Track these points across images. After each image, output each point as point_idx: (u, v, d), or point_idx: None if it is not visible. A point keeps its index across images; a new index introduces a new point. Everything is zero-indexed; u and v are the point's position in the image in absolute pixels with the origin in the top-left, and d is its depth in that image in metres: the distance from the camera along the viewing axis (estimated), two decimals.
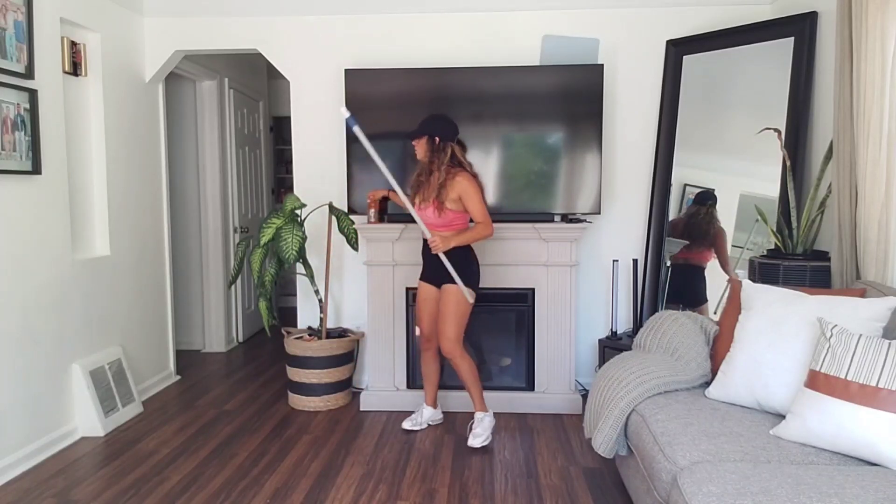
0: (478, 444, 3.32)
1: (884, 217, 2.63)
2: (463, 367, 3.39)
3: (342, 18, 4.14)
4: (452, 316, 3.33)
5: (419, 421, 3.58)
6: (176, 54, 4.26)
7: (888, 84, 2.60)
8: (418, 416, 3.60)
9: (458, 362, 3.39)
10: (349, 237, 3.93)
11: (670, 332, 2.80)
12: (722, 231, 3.75)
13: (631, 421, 2.51)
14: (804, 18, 3.40)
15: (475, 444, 3.32)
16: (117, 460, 3.20)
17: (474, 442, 3.32)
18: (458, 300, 3.32)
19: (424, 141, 3.29)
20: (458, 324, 3.34)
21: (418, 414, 3.61)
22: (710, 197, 3.82)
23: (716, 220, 3.79)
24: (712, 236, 3.81)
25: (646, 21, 4.05)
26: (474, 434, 3.35)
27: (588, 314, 4.20)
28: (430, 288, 3.45)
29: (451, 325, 3.34)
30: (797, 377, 2.21)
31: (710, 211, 3.82)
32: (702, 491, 1.79)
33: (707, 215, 3.84)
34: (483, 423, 3.39)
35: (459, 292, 3.31)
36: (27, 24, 3.07)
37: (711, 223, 3.82)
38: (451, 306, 3.32)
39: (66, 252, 3.42)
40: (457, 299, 3.32)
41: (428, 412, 3.62)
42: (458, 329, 3.34)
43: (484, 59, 4.03)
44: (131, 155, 4.04)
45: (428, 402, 3.63)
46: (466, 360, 3.40)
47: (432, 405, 3.63)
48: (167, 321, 4.48)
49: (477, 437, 3.33)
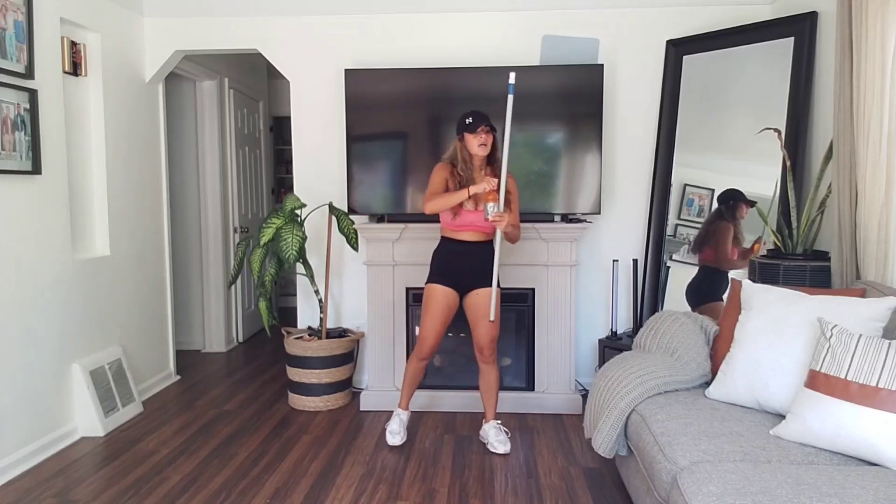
0: (508, 448, 3.27)
1: (884, 217, 2.63)
2: (496, 374, 3.32)
3: (342, 18, 4.14)
4: (497, 318, 3.20)
5: (403, 430, 3.38)
6: (176, 54, 4.26)
7: (888, 84, 2.60)
8: (398, 425, 3.37)
9: (493, 368, 3.31)
10: (349, 237, 3.93)
11: (670, 332, 2.80)
12: (725, 227, 3.73)
13: (631, 421, 2.50)
14: (804, 18, 3.40)
15: (507, 450, 3.26)
16: (117, 460, 3.20)
17: (506, 448, 3.26)
18: (498, 300, 3.20)
19: (493, 136, 3.12)
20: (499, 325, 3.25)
21: (397, 423, 3.37)
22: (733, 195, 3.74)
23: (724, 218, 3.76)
24: (713, 231, 3.81)
25: (646, 21, 4.05)
26: (500, 441, 3.27)
27: (588, 314, 4.20)
28: (454, 295, 3.23)
29: (498, 327, 3.23)
30: (797, 377, 2.21)
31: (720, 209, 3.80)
32: (702, 491, 1.79)
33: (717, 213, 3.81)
34: (500, 429, 3.34)
35: (499, 292, 3.19)
36: (27, 24, 3.07)
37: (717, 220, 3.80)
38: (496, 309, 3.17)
39: (66, 252, 3.42)
40: (499, 301, 3.20)
41: (406, 416, 3.43)
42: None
43: (484, 59, 4.03)
44: (131, 155, 4.04)
45: (404, 407, 3.42)
46: (497, 367, 3.36)
47: (407, 408, 3.45)
48: (167, 321, 4.48)
49: (505, 444, 3.27)
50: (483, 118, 3.09)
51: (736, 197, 3.72)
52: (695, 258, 3.89)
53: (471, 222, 3.15)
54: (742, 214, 3.69)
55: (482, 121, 3.08)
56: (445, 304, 3.22)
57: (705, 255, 3.86)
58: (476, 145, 3.09)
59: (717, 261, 3.78)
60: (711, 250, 3.82)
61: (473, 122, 3.08)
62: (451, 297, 3.22)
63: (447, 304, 3.22)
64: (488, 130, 3.09)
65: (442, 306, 3.21)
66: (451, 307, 3.24)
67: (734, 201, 3.73)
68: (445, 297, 3.21)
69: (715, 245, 3.80)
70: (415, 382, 3.42)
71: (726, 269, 3.73)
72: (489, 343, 3.24)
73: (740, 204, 3.70)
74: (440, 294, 3.21)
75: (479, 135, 3.08)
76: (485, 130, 3.08)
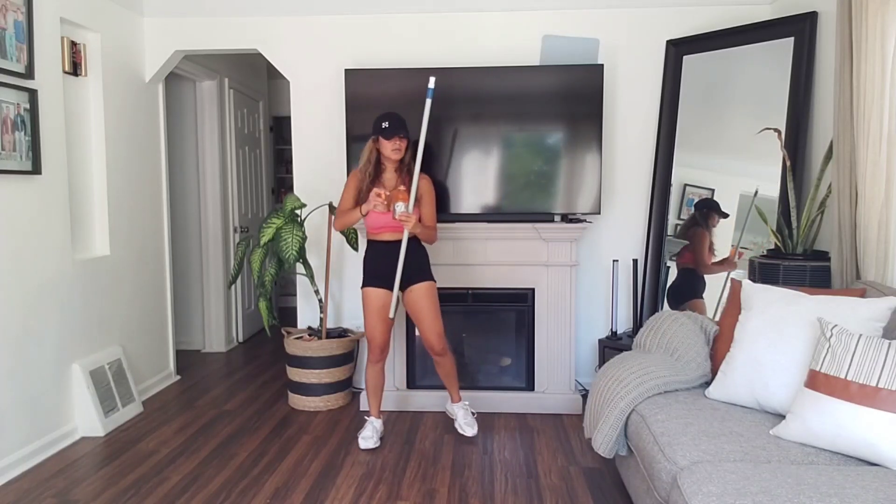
0: (476, 430, 3.46)
1: (884, 217, 2.63)
2: (451, 361, 3.47)
3: (342, 18, 4.14)
4: (437, 310, 3.35)
5: (376, 436, 3.37)
6: (176, 54, 4.26)
7: (888, 84, 2.60)
8: (372, 431, 3.36)
9: (447, 357, 3.44)
10: (349, 237, 3.93)
11: (670, 332, 2.80)
12: (702, 233, 3.81)
13: (631, 421, 2.50)
14: (804, 18, 3.40)
15: (475, 432, 3.45)
16: (117, 460, 3.20)
17: (474, 430, 3.45)
18: (435, 293, 3.35)
19: (406, 142, 3.27)
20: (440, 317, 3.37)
21: (371, 429, 3.37)
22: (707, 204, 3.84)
23: (699, 224, 3.84)
24: (690, 236, 3.89)
25: (646, 21, 4.05)
26: (468, 423, 3.47)
27: (588, 314, 4.20)
28: (384, 294, 3.30)
29: (440, 320, 3.36)
30: (797, 377, 2.21)
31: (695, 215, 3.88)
32: (702, 491, 1.79)
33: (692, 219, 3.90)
34: (468, 410, 3.53)
35: (433, 285, 3.35)
36: (27, 24, 3.07)
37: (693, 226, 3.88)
38: (433, 301, 3.34)
39: (66, 252, 3.42)
40: (434, 292, 3.35)
41: (379, 424, 3.44)
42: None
43: (484, 59, 4.03)
44: (131, 155, 4.04)
45: (376, 415, 3.44)
46: (451, 354, 3.48)
47: (378, 416, 3.47)
48: (167, 321, 4.48)
49: (473, 426, 3.46)
50: (399, 127, 3.22)
51: (710, 206, 3.83)
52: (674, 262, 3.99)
53: (384, 223, 3.27)
54: (713, 223, 3.79)
55: (397, 129, 3.21)
56: (379, 305, 3.31)
57: (684, 259, 3.92)
58: (390, 149, 3.23)
59: (696, 264, 3.85)
60: (690, 254, 3.88)
61: (389, 129, 3.20)
62: (385, 297, 3.31)
63: (381, 305, 3.31)
64: (401, 137, 3.22)
65: (377, 307, 3.31)
66: (384, 306, 3.32)
67: (707, 209, 3.84)
68: (378, 299, 3.31)
69: (692, 249, 3.86)
70: (377, 388, 3.47)
71: (702, 274, 3.82)
72: (437, 338, 3.36)
73: (713, 213, 3.80)
74: (372, 296, 3.32)
75: (394, 141, 3.22)
76: (399, 137, 3.22)
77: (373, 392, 3.45)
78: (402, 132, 3.22)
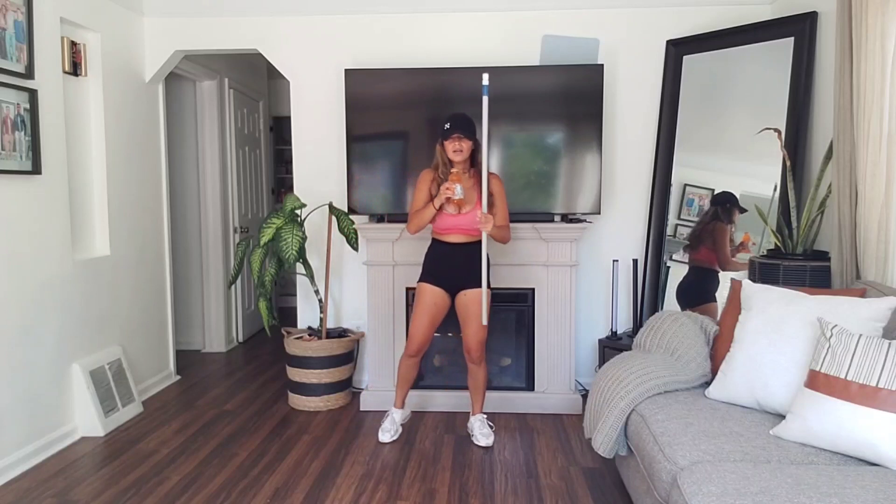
0: (491, 441, 3.37)
1: (884, 217, 2.63)
2: (484, 373, 3.42)
3: (342, 18, 4.14)
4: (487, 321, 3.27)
5: (395, 428, 3.45)
6: (176, 54, 4.26)
7: (888, 84, 2.60)
8: (391, 423, 3.44)
9: (482, 368, 3.39)
10: (349, 237, 3.93)
11: (670, 332, 2.80)
12: (723, 228, 3.74)
13: (631, 421, 2.50)
14: (804, 18, 3.40)
15: (490, 443, 3.36)
16: (117, 460, 3.20)
17: (488, 441, 3.37)
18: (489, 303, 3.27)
19: (471, 144, 3.19)
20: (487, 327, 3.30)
21: (390, 422, 3.45)
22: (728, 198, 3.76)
23: (720, 219, 3.78)
24: (710, 232, 3.82)
25: (646, 21, 4.05)
26: (484, 434, 3.38)
27: (588, 314, 4.20)
28: (443, 295, 3.30)
29: (485, 329, 3.28)
30: (797, 377, 2.21)
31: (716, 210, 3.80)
32: (702, 491, 1.79)
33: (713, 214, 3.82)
34: (486, 422, 3.45)
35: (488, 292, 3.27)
36: (27, 24, 3.07)
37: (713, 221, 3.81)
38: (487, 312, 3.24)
39: (66, 252, 3.42)
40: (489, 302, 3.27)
41: (399, 414, 3.49)
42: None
43: (484, 59, 4.03)
44: (131, 155, 4.04)
45: (399, 406, 3.49)
46: (485, 366, 3.43)
47: (402, 406, 3.51)
48: (167, 321, 4.48)
49: (488, 437, 3.38)
50: (457, 127, 3.14)
51: (732, 200, 3.75)
52: (686, 257, 3.91)
53: (453, 225, 3.22)
54: (735, 219, 3.73)
55: (456, 129, 3.14)
56: (433, 303, 3.28)
57: (700, 255, 3.86)
58: (451, 151, 3.17)
59: (715, 261, 3.79)
60: (708, 250, 3.82)
61: (448, 130, 3.16)
62: (440, 296, 3.29)
63: (435, 303, 3.29)
64: (460, 137, 3.14)
65: (430, 305, 3.28)
66: (439, 306, 3.30)
67: (730, 204, 3.76)
68: (433, 297, 3.28)
69: (713, 245, 3.80)
70: (408, 381, 3.46)
71: (718, 271, 3.76)
72: (477, 345, 3.30)
73: (734, 208, 3.73)
74: (428, 293, 3.28)
75: (453, 141, 3.15)
76: (457, 138, 3.14)
77: (402, 383, 3.45)
78: (460, 132, 3.13)
